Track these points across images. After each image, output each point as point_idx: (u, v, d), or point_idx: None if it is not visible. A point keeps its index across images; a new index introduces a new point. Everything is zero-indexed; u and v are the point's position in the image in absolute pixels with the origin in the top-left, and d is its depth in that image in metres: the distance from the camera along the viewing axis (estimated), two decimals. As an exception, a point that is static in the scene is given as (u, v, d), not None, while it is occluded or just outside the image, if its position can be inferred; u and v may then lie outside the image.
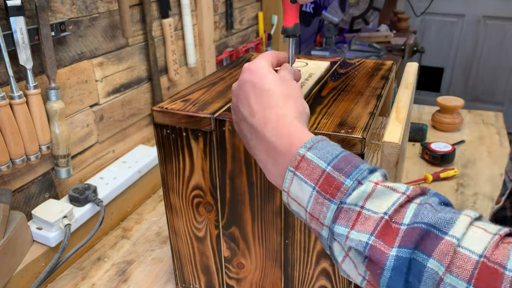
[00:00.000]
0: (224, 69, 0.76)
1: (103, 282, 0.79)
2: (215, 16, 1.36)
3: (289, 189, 0.40)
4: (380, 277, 0.34)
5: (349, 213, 0.36)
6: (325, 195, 0.38)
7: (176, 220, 0.67)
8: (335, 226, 0.37)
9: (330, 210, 0.37)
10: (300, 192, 0.39)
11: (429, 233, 0.33)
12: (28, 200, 0.80)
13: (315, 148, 0.40)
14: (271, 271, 0.64)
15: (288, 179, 0.40)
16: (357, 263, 0.37)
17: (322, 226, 0.38)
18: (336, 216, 0.37)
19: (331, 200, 0.37)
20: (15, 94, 0.70)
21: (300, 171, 0.39)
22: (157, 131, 0.61)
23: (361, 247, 0.35)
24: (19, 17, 0.69)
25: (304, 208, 0.40)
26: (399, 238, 0.34)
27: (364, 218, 0.36)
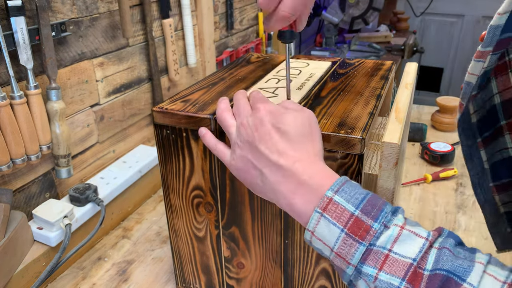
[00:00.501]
0: (224, 69, 0.76)
1: (103, 282, 0.79)
2: (215, 16, 1.36)
3: (314, 229, 0.42)
4: None
5: (377, 255, 0.39)
6: (354, 237, 0.40)
7: (176, 220, 0.67)
8: (363, 266, 0.39)
9: (359, 251, 0.39)
10: (327, 233, 0.41)
11: (450, 280, 0.36)
12: (28, 200, 0.81)
13: (342, 191, 0.42)
14: (271, 271, 0.64)
15: (315, 219, 0.42)
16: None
17: (348, 265, 0.40)
18: (365, 257, 0.39)
19: (360, 242, 0.39)
20: (15, 94, 0.70)
21: (328, 213, 0.41)
22: (157, 131, 0.61)
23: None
24: (20, 17, 0.69)
25: (331, 248, 0.41)
26: (423, 284, 0.36)
27: (392, 261, 0.38)
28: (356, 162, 0.51)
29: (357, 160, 0.51)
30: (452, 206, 0.98)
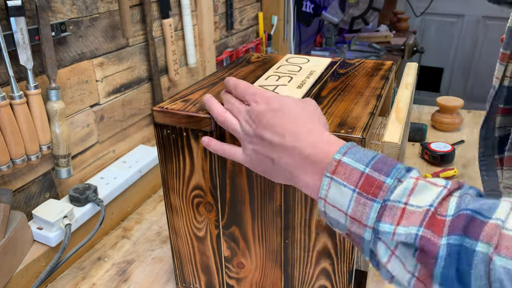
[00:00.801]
0: (224, 69, 0.76)
1: (103, 282, 0.79)
2: (215, 17, 1.36)
3: (326, 195, 0.41)
4: (434, 267, 0.34)
5: (393, 210, 0.37)
6: (367, 196, 0.38)
7: (176, 220, 0.67)
8: (380, 224, 0.37)
9: (374, 210, 0.37)
10: (339, 196, 0.40)
11: (474, 218, 0.33)
12: (28, 200, 0.81)
13: (350, 152, 0.41)
14: (271, 271, 0.64)
15: (325, 184, 0.40)
16: (405, 259, 0.36)
17: (365, 228, 0.38)
18: (381, 214, 0.37)
19: (373, 200, 0.38)
20: (15, 94, 0.70)
21: (338, 176, 0.40)
22: (157, 131, 0.61)
23: (411, 239, 0.35)
24: (20, 17, 0.69)
25: (344, 212, 0.39)
26: (446, 228, 0.34)
27: (409, 213, 0.36)
28: (356, 162, 0.51)
29: (357, 159, 0.51)
30: (452, 206, 0.97)
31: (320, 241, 0.58)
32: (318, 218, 0.57)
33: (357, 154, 0.40)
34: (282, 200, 0.57)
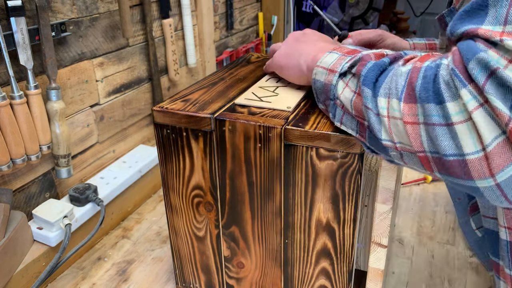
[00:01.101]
0: (224, 69, 0.76)
1: (103, 282, 0.79)
2: (215, 17, 1.36)
3: (321, 62, 0.54)
4: (363, 68, 0.46)
5: (358, 56, 0.49)
6: (347, 55, 0.52)
7: (176, 220, 0.67)
8: (345, 65, 0.50)
9: (346, 60, 0.51)
10: (329, 59, 0.53)
11: (401, 55, 0.46)
12: (28, 200, 0.81)
13: (354, 46, 0.56)
14: (271, 271, 0.64)
15: (324, 56, 0.54)
16: (351, 83, 0.49)
17: (335, 73, 0.51)
18: (349, 60, 0.50)
19: (350, 56, 0.51)
20: (15, 94, 0.70)
21: (336, 50, 0.54)
22: (157, 131, 0.61)
23: (357, 58, 0.49)
24: (20, 18, 0.69)
25: (326, 68, 0.53)
26: (387, 56, 0.47)
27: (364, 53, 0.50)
28: (356, 162, 0.51)
29: (357, 159, 0.51)
30: (452, 206, 0.98)
31: (319, 241, 0.58)
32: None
33: (355, 46, 0.55)
34: (282, 200, 0.57)
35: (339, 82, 0.51)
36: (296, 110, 0.58)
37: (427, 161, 0.41)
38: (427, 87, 0.39)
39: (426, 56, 0.44)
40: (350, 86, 0.49)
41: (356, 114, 0.48)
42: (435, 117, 0.38)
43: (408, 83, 0.41)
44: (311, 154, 0.53)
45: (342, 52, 0.53)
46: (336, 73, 0.51)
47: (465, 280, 0.77)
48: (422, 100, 0.39)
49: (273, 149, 0.55)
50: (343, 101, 0.50)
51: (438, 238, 0.88)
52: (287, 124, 0.53)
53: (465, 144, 0.37)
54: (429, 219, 0.94)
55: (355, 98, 0.48)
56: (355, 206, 0.54)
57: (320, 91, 0.55)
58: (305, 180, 0.55)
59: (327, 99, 0.53)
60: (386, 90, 0.43)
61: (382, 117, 0.43)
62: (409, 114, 0.41)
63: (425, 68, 0.40)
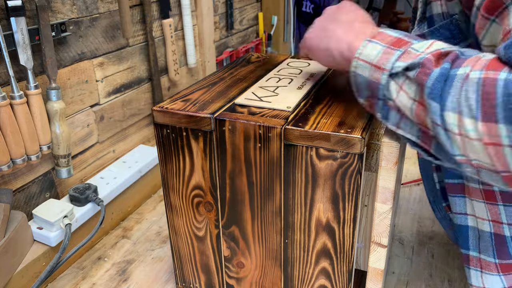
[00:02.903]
0: (224, 69, 0.76)
1: (103, 282, 0.79)
2: (215, 17, 1.36)
3: (361, 53, 0.49)
4: (427, 78, 0.42)
5: (410, 54, 0.45)
6: (394, 48, 0.47)
7: (176, 220, 0.67)
8: (396, 63, 0.46)
9: (395, 55, 0.46)
10: (371, 51, 0.48)
11: (458, 57, 0.43)
12: (28, 199, 0.81)
13: (389, 29, 0.50)
14: (271, 271, 0.64)
15: (363, 45, 0.49)
16: (409, 89, 0.45)
17: (383, 71, 0.47)
18: (399, 56, 0.46)
19: (398, 50, 0.47)
20: (15, 94, 0.70)
21: (376, 39, 0.49)
22: (157, 131, 0.61)
23: (418, 59, 0.44)
24: (20, 18, 0.69)
25: (370, 63, 0.48)
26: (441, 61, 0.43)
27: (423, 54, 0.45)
28: (356, 161, 0.51)
29: (357, 159, 0.51)
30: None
31: (319, 240, 0.58)
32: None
33: (395, 31, 0.50)
34: (282, 200, 0.57)
35: (391, 83, 0.47)
36: (296, 110, 0.58)
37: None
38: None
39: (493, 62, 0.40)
40: (408, 92, 0.45)
41: (418, 122, 0.45)
42: None
43: (484, 98, 0.38)
44: (311, 154, 0.53)
45: (386, 43, 0.48)
46: (385, 72, 0.47)
47: (465, 280, 0.77)
48: (508, 121, 0.36)
49: (273, 149, 0.55)
50: (399, 106, 0.47)
51: (438, 238, 0.88)
52: (287, 124, 0.53)
53: None
54: (429, 219, 0.94)
55: (415, 107, 0.45)
56: (355, 206, 0.54)
57: (363, 86, 0.50)
58: (305, 180, 0.55)
59: (374, 98, 0.49)
60: (455, 104, 0.40)
61: (453, 135, 0.41)
62: (489, 135, 0.38)
63: (505, 83, 0.37)
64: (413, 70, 0.44)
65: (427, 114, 0.43)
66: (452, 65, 0.42)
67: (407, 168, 1.13)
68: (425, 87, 0.42)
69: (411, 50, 0.46)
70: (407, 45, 0.47)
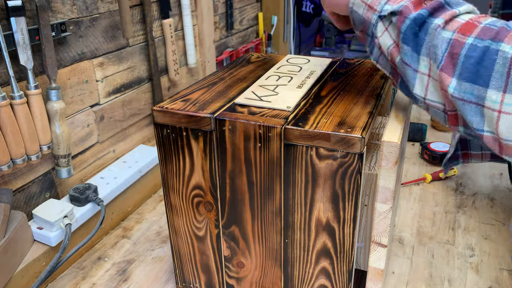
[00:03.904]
0: (224, 69, 0.76)
1: (103, 282, 0.79)
2: (215, 17, 1.36)
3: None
4: (402, 24, 0.49)
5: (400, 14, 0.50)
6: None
7: (176, 220, 0.67)
8: (384, 6, 0.52)
9: (385, 1, 0.52)
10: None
11: (443, 6, 0.49)
12: (28, 199, 0.81)
13: None
14: (271, 270, 0.64)
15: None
16: (392, 31, 0.51)
17: (374, 12, 0.53)
18: (386, 1, 0.52)
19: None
20: (15, 94, 0.70)
21: None
22: (157, 131, 0.61)
23: (398, 8, 0.50)
24: (20, 18, 0.69)
25: (365, 2, 0.54)
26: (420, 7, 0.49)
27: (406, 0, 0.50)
28: (356, 161, 0.51)
29: (357, 159, 0.51)
30: (451, 206, 0.98)
31: (319, 240, 0.58)
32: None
33: None
34: (282, 199, 0.57)
35: (379, 23, 0.53)
36: (296, 109, 0.58)
37: (455, 118, 0.49)
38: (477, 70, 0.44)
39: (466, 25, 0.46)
40: (390, 33, 0.52)
41: (391, 60, 0.53)
42: (469, 95, 0.45)
43: (449, 56, 0.46)
44: (311, 154, 0.53)
45: None
46: (376, 13, 0.53)
47: (465, 280, 0.77)
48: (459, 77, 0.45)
49: (273, 148, 0.55)
50: (381, 44, 0.53)
51: (438, 238, 0.88)
52: (287, 123, 0.53)
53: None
54: (429, 219, 0.94)
55: (392, 48, 0.52)
56: (355, 206, 0.54)
57: (359, 22, 0.57)
58: (305, 179, 0.55)
59: (365, 33, 0.56)
60: (428, 50, 0.48)
61: (422, 75, 0.49)
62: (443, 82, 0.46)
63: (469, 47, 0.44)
64: (395, 16, 0.50)
65: (398, 55, 0.51)
66: (432, 14, 0.48)
67: (407, 168, 1.13)
68: (400, 32, 0.49)
69: (401, 6, 0.51)
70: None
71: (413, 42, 0.49)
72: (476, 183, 1.06)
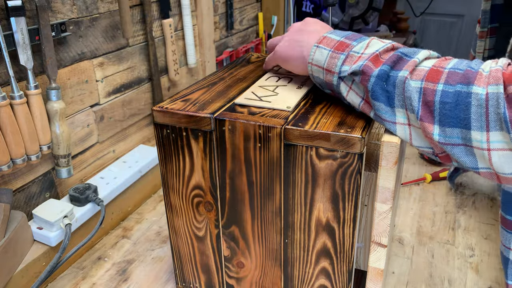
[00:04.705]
0: (224, 69, 0.76)
1: (103, 282, 0.79)
2: (215, 17, 1.36)
3: (312, 58, 0.57)
4: (368, 83, 0.50)
5: (352, 58, 0.53)
6: (337, 52, 0.54)
7: (176, 220, 0.67)
8: (342, 67, 0.53)
9: (340, 60, 0.53)
10: (320, 56, 0.56)
11: (401, 57, 0.50)
12: (28, 199, 0.81)
13: (335, 32, 0.57)
14: (271, 270, 0.64)
15: (313, 52, 0.57)
16: (357, 89, 0.53)
17: (333, 74, 0.54)
18: (343, 61, 0.53)
19: (341, 53, 0.54)
20: (15, 94, 0.70)
21: (322, 44, 0.56)
22: (157, 131, 0.61)
23: (357, 68, 0.51)
24: (20, 18, 0.69)
25: (322, 67, 0.56)
26: (381, 63, 0.50)
27: (361, 58, 0.52)
28: (356, 161, 0.51)
29: (357, 159, 0.51)
30: (451, 206, 0.98)
31: (319, 240, 0.58)
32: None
33: (339, 33, 0.57)
34: (282, 199, 0.57)
35: (341, 83, 0.54)
36: (296, 109, 0.58)
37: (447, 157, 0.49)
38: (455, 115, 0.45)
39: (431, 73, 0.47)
40: (356, 91, 0.53)
41: (365, 109, 0.54)
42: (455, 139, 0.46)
43: (424, 104, 0.47)
44: (311, 154, 0.53)
45: (331, 48, 0.55)
46: (334, 75, 0.54)
47: (465, 280, 0.77)
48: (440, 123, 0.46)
49: (273, 149, 0.55)
50: (349, 101, 0.55)
51: (438, 238, 0.88)
52: (287, 124, 0.53)
53: None
54: (429, 219, 0.94)
55: (362, 104, 0.53)
56: (355, 206, 0.54)
57: (324, 86, 0.59)
58: (305, 179, 0.55)
59: (334, 92, 0.58)
60: (400, 101, 0.49)
61: (402, 125, 0.50)
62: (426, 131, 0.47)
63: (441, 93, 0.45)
64: (357, 75, 0.51)
65: (372, 110, 0.52)
66: (393, 67, 0.49)
67: (407, 168, 1.13)
68: (368, 90, 0.50)
69: (353, 54, 0.53)
70: (349, 48, 0.53)
71: (383, 97, 0.49)
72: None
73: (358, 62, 0.51)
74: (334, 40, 0.55)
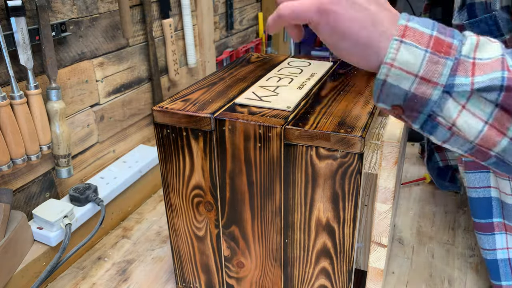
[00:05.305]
0: (224, 69, 0.76)
1: (103, 282, 0.79)
2: (215, 17, 1.36)
3: (394, 58, 0.40)
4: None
5: (465, 65, 0.39)
6: (439, 55, 0.40)
7: (176, 220, 0.67)
8: (455, 78, 0.39)
9: (447, 67, 0.39)
10: (410, 57, 0.40)
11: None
12: (28, 199, 0.81)
13: (413, 19, 0.41)
14: (271, 270, 0.64)
15: (394, 48, 0.40)
16: (478, 108, 0.40)
17: (435, 86, 0.40)
18: (455, 69, 0.39)
19: (447, 58, 0.39)
20: (15, 94, 0.70)
21: (408, 38, 0.40)
22: (157, 131, 0.61)
23: (497, 82, 0.39)
24: (20, 18, 0.69)
25: (414, 73, 0.40)
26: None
27: (480, 65, 0.40)
28: (356, 161, 0.51)
29: (357, 159, 0.51)
30: (451, 206, 0.98)
31: (319, 240, 0.58)
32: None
33: (420, 21, 0.41)
34: (282, 199, 0.57)
35: (449, 100, 0.40)
36: (296, 109, 0.58)
37: None
38: None
39: None
40: (476, 113, 0.40)
41: (481, 144, 0.41)
42: None
43: None
44: (311, 154, 0.53)
45: (425, 46, 0.40)
46: (437, 87, 0.40)
47: (465, 280, 0.77)
48: None
49: (273, 148, 0.55)
50: (460, 127, 0.41)
51: (438, 238, 0.88)
52: (287, 123, 0.53)
53: None
54: (429, 219, 0.94)
55: (487, 129, 0.40)
56: (355, 206, 0.54)
57: (397, 98, 0.42)
58: (305, 179, 0.55)
59: (413, 111, 0.42)
60: None
61: None
62: None
63: None
64: (491, 92, 0.39)
65: (505, 138, 0.40)
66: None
67: (407, 168, 1.13)
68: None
69: (465, 60, 0.40)
70: (452, 49, 0.40)
71: None
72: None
73: (483, 73, 0.39)
74: (424, 34, 0.40)
